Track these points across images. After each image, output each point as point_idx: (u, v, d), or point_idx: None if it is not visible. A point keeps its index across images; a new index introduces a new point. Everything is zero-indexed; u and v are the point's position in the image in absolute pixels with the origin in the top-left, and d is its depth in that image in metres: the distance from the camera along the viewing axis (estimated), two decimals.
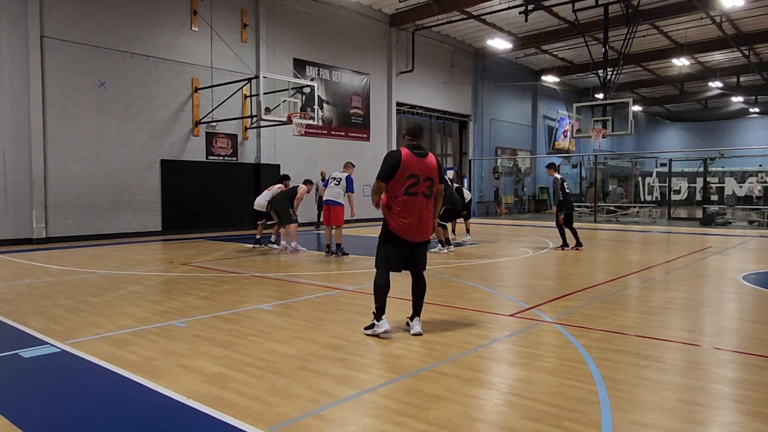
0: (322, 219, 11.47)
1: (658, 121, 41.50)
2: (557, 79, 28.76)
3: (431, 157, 4.81)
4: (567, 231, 11.23)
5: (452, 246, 11.14)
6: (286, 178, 11.64)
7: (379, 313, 4.70)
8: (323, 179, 13.03)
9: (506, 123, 28.12)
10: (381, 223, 4.92)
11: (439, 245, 10.76)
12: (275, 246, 11.31)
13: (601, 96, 20.88)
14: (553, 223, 11.94)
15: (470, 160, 25.36)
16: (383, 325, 4.67)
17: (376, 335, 4.67)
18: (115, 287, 7.11)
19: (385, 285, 4.71)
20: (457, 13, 20.23)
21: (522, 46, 23.68)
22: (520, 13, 19.11)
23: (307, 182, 11.09)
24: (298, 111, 14.37)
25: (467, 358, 4.17)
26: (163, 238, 14.12)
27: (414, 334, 4.72)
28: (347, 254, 10.15)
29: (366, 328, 4.81)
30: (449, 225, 11.72)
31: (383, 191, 4.78)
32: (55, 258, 10.08)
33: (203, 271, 8.53)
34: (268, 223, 11.46)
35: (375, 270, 4.84)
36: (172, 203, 14.86)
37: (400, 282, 5.70)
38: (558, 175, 10.97)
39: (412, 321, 4.84)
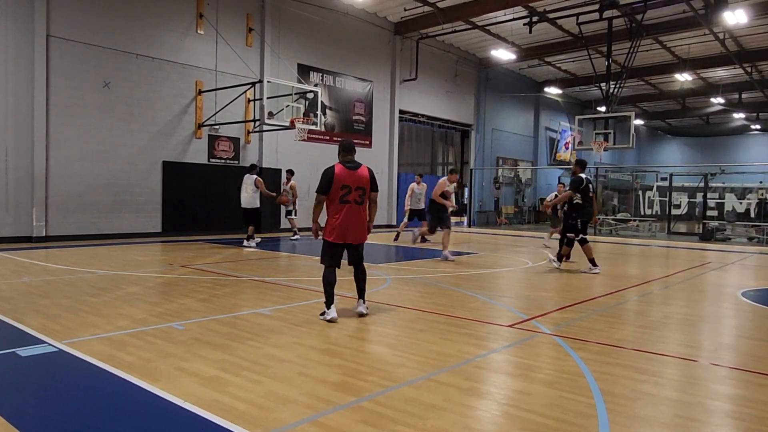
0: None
1: (660, 136, 41.62)
2: (560, 91, 28.82)
3: (363, 169, 5.58)
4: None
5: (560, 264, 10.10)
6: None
7: (328, 303, 5.53)
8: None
9: (508, 133, 28.18)
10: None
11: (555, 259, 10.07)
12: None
13: (603, 109, 20.90)
14: (556, 235, 12.04)
15: (471, 170, 25.39)
16: (331, 313, 5.47)
17: (325, 320, 5.45)
18: (114, 288, 7.10)
19: (331, 280, 5.56)
20: (462, 23, 20.30)
21: (525, 57, 23.77)
22: (524, 24, 19.21)
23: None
24: (301, 116, 14.41)
25: (465, 367, 4.16)
26: (163, 239, 14.11)
27: (357, 313, 5.64)
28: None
29: (320, 314, 5.58)
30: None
31: (323, 203, 5.55)
32: (54, 257, 10.08)
33: (202, 273, 8.53)
34: None
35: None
36: (173, 205, 14.85)
37: (401, 290, 5.68)
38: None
39: (357, 302, 5.73)
